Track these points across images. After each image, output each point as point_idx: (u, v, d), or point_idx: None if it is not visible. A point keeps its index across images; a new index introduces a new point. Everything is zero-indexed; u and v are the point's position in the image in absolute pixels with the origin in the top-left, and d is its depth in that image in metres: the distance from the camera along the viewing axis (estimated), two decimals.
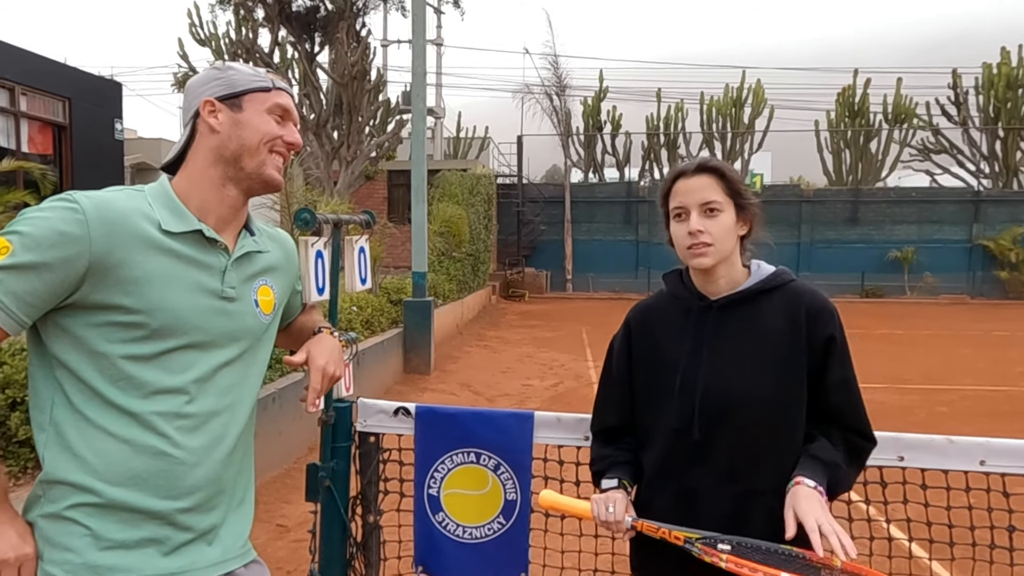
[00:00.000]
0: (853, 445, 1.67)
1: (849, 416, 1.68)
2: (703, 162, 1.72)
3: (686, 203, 1.69)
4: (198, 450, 1.40)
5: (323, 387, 1.61)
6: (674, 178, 1.73)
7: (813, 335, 1.66)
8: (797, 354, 1.66)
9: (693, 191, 1.68)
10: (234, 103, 1.45)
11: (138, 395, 1.34)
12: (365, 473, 2.16)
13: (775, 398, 1.65)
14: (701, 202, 1.67)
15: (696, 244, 1.66)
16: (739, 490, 1.65)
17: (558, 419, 2.11)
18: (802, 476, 1.57)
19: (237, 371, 1.48)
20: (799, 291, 1.73)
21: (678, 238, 1.71)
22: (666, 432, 1.71)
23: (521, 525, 2.14)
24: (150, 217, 1.37)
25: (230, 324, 1.45)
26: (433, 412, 2.16)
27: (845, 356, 1.69)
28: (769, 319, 1.70)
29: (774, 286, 1.73)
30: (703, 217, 1.67)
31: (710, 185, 1.68)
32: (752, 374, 1.66)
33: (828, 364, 1.66)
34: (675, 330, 1.76)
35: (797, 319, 1.67)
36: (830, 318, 1.68)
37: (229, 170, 1.46)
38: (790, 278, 1.76)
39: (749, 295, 1.72)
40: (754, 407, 1.65)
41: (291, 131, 1.51)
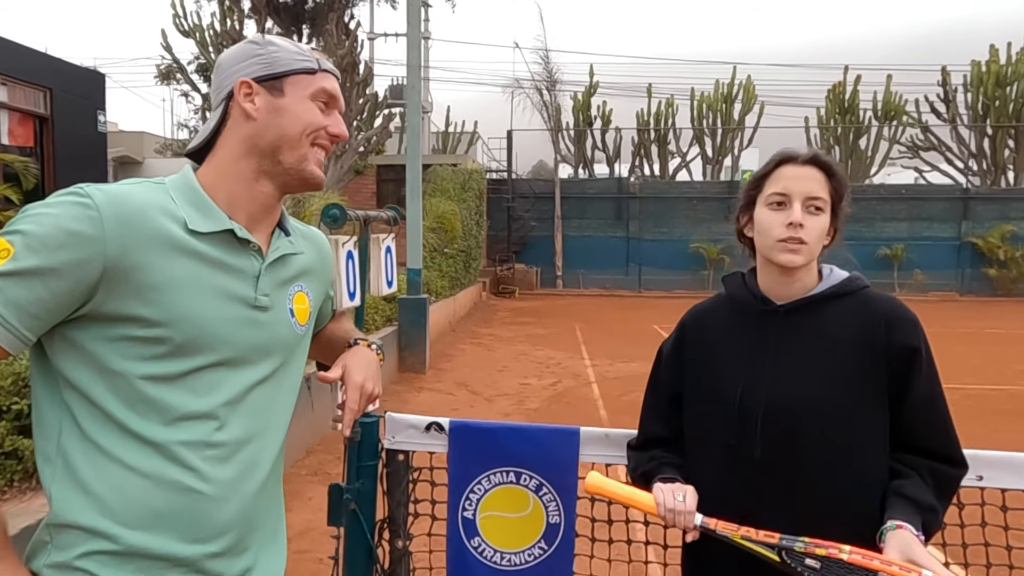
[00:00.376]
0: (944, 478, 1.52)
1: (937, 439, 1.53)
2: (817, 154, 1.56)
3: (791, 191, 1.51)
4: (229, 483, 1.21)
5: (363, 406, 1.43)
6: (779, 162, 1.55)
7: (893, 346, 1.50)
8: (875, 367, 1.50)
9: (801, 180, 1.52)
10: (274, 86, 1.25)
11: (160, 421, 1.15)
12: (394, 494, 1.97)
13: (848, 414, 1.49)
14: (808, 195, 1.51)
15: (793, 238, 1.49)
16: (805, 515, 1.48)
17: (606, 435, 1.93)
18: (902, 520, 1.41)
19: (270, 390, 1.29)
20: (875, 298, 1.56)
21: (769, 227, 1.53)
22: (722, 449, 1.55)
23: (564, 551, 1.96)
24: (173, 214, 1.18)
25: (263, 337, 1.26)
26: (468, 428, 1.97)
27: (931, 371, 1.53)
28: (841, 328, 1.53)
29: (848, 292, 1.56)
30: (804, 212, 1.50)
31: (819, 180, 1.52)
32: (822, 387, 1.50)
33: (911, 379, 1.50)
34: (735, 337, 1.60)
35: (875, 328, 1.51)
36: (913, 328, 1.52)
37: (264, 163, 1.26)
38: (865, 284, 1.59)
39: (819, 300, 1.55)
40: (824, 423, 1.48)
41: (336, 121, 1.32)
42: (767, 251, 1.54)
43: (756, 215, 1.57)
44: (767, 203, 1.54)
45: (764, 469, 1.50)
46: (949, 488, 1.53)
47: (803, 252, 1.50)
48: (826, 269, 1.62)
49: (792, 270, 1.54)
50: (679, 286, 22.08)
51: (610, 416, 7.24)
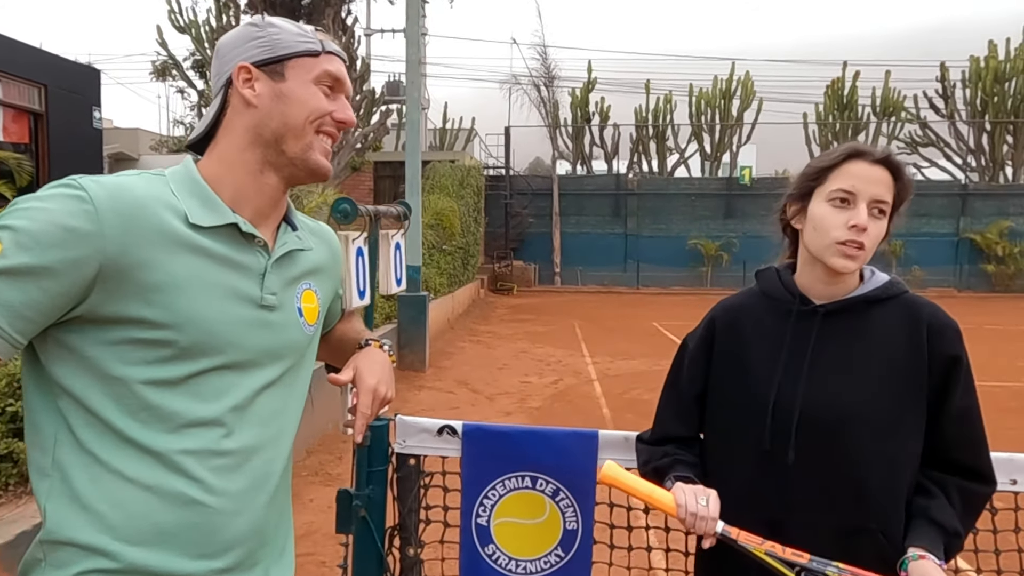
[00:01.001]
0: (973, 497, 1.45)
1: (969, 453, 1.46)
2: (891, 153, 1.46)
3: (859, 190, 1.42)
4: (238, 495, 1.13)
5: (376, 411, 1.35)
6: (848, 155, 1.45)
7: (935, 354, 1.44)
8: (916, 374, 1.43)
9: (872, 181, 1.42)
10: (275, 70, 1.18)
11: (164, 429, 1.07)
12: (405, 500, 1.89)
13: (888, 420, 1.42)
14: (875, 198, 1.42)
15: (853, 242, 1.41)
16: (840, 526, 1.42)
17: (625, 439, 1.85)
18: (925, 549, 1.36)
19: (279, 395, 1.22)
20: (917, 304, 1.49)
21: (829, 226, 1.43)
22: (753, 452, 1.47)
23: (582, 558, 1.89)
24: (175, 208, 1.10)
25: (271, 338, 1.19)
26: (483, 431, 1.90)
27: (970, 382, 1.47)
28: (883, 332, 1.46)
29: (890, 295, 1.49)
30: (870, 215, 1.42)
31: (888, 183, 1.43)
32: (861, 392, 1.43)
33: (950, 389, 1.44)
34: (770, 336, 1.51)
35: (917, 335, 1.44)
36: (955, 336, 1.46)
37: (269, 153, 1.18)
38: (905, 288, 1.52)
39: (860, 303, 1.48)
40: (864, 429, 1.41)
41: (343, 106, 1.24)
42: (821, 251, 1.45)
43: (813, 209, 1.47)
44: (829, 199, 1.44)
45: (798, 476, 1.43)
46: (977, 507, 1.48)
47: (860, 258, 1.43)
48: (867, 271, 1.54)
49: (841, 273, 1.46)
50: (677, 283, 22.03)
51: (613, 414, 7.17)
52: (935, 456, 1.45)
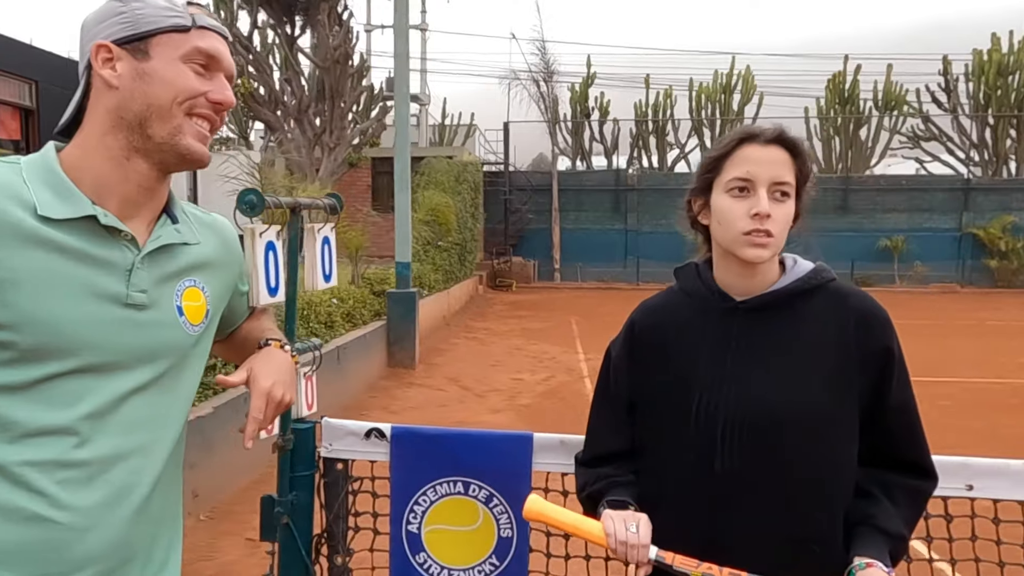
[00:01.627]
0: (915, 494, 1.37)
1: (908, 447, 1.37)
2: (784, 131, 1.36)
3: (756, 175, 1.33)
4: (92, 509, 1.04)
5: (268, 415, 1.27)
6: (740, 139, 1.36)
7: (864, 347, 1.34)
8: (846, 369, 1.33)
9: (768, 164, 1.33)
10: (138, 48, 1.09)
11: (5, 439, 0.99)
12: (331, 507, 1.82)
13: (818, 421, 1.32)
14: (774, 180, 1.33)
15: (759, 231, 1.31)
16: (779, 537, 1.32)
17: (561, 442, 1.77)
18: (871, 558, 1.26)
19: (152, 400, 1.13)
20: (843, 293, 1.39)
21: (732, 217, 1.34)
22: (682, 466, 1.37)
23: (517, 566, 1.81)
24: (22, 199, 1.01)
25: (141, 339, 1.10)
26: (412, 434, 1.81)
27: (904, 374, 1.37)
28: (808, 325, 1.36)
29: (814, 286, 1.39)
30: (770, 199, 1.32)
31: (787, 162, 1.34)
32: (788, 391, 1.33)
33: (883, 383, 1.34)
34: (691, 337, 1.41)
35: (844, 328, 1.35)
36: (884, 326, 1.36)
37: (133, 138, 1.10)
38: (831, 276, 1.41)
39: (784, 296, 1.38)
40: (792, 433, 1.31)
41: (220, 86, 1.14)
42: (729, 244, 1.36)
43: (714, 202, 1.38)
44: (727, 189, 1.35)
45: (728, 486, 1.33)
46: (920, 505, 1.39)
47: (771, 245, 1.33)
48: (789, 260, 1.44)
49: (755, 264, 1.36)
50: None
51: None
52: (874, 454, 1.36)
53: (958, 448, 4.91)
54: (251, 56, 17.19)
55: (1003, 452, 1.90)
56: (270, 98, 17.33)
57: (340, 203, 1.86)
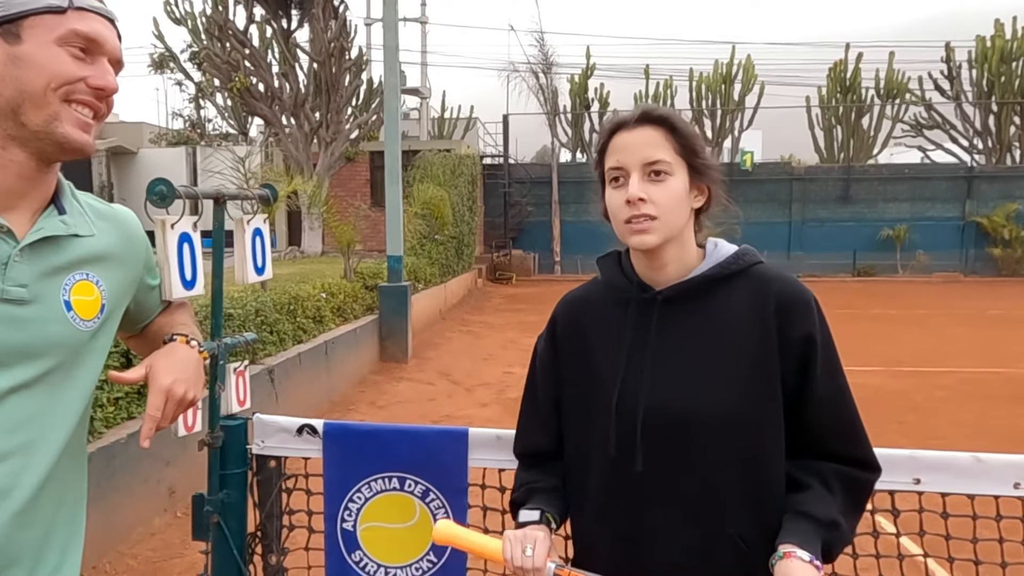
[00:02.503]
0: (852, 483, 1.29)
1: (842, 439, 1.30)
2: (648, 110, 1.31)
3: (625, 162, 1.28)
4: None
5: (168, 413, 1.22)
6: (612, 130, 1.33)
7: (785, 335, 1.27)
8: (767, 359, 1.27)
9: (635, 147, 1.28)
10: (9, 31, 1.04)
11: None
12: (264, 505, 1.78)
13: (740, 415, 1.26)
14: (644, 161, 1.27)
15: (637, 216, 1.26)
16: (698, 534, 1.27)
17: (497, 437, 1.73)
18: (792, 545, 1.20)
19: (37, 398, 1.08)
20: (766, 277, 1.32)
21: (614, 208, 1.31)
22: (602, 462, 1.32)
23: (456, 564, 1.76)
24: None
25: (21, 336, 1.05)
26: (345, 430, 1.77)
27: (831, 361, 1.30)
28: (728, 314, 1.30)
29: (735, 271, 1.32)
30: (646, 182, 1.27)
31: (656, 141, 1.28)
32: (708, 385, 1.27)
33: (808, 372, 1.27)
34: (611, 330, 1.36)
35: (764, 314, 1.28)
36: (806, 310, 1.29)
37: (7, 126, 1.05)
38: (755, 260, 1.35)
39: (702, 283, 1.32)
40: (712, 428, 1.26)
41: (101, 71, 1.09)
42: (620, 235, 1.32)
43: (606, 196, 1.34)
44: (609, 180, 1.32)
45: (649, 484, 1.29)
46: (861, 495, 1.31)
47: (654, 229, 1.27)
48: (710, 244, 1.38)
49: (656, 251, 1.30)
50: None
51: None
52: (807, 448, 1.30)
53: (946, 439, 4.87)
54: (247, 51, 17.15)
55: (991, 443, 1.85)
56: (267, 93, 17.30)
57: (274, 194, 1.81)
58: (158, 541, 4.00)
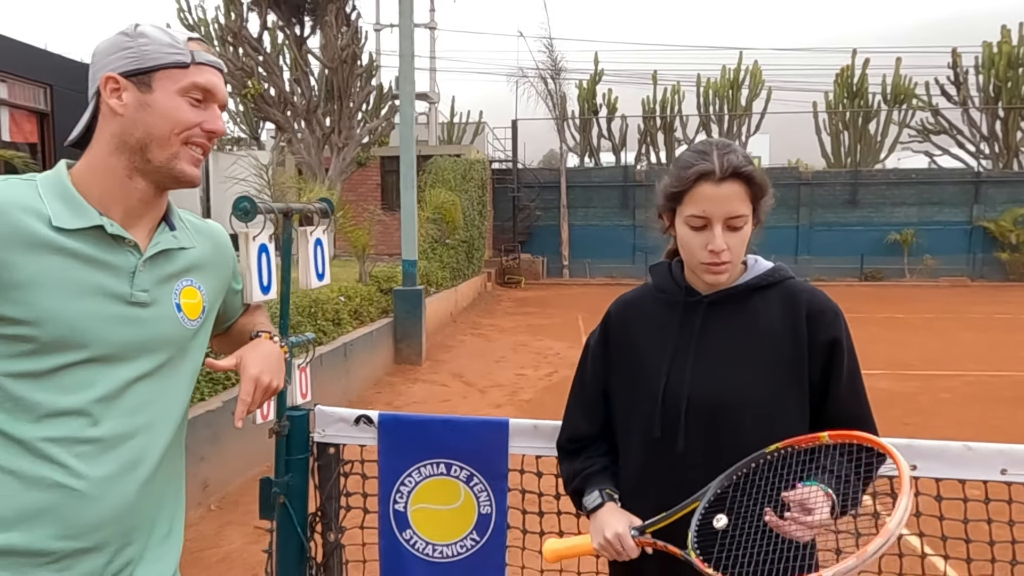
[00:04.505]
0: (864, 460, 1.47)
1: (859, 429, 1.49)
2: (736, 167, 1.44)
3: (711, 213, 1.45)
4: (104, 480, 1.20)
5: (256, 399, 1.42)
6: (697, 178, 1.45)
7: (814, 338, 1.49)
8: (796, 358, 1.49)
9: (721, 201, 1.44)
10: (142, 81, 1.23)
11: (28, 419, 1.14)
12: (324, 488, 1.97)
13: (771, 405, 1.47)
14: (728, 215, 1.45)
15: (717, 264, 1.47)
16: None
17: (535, 427, 1.91)
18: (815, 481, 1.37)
19: (155, 386, 1.28)
20: (798, 289, 1.54)
21: (692, 248, 1.49)
22: (646, 442, 1.53)
23: (496, 542, 1.95)
24: (38, 211, 1.17)
25: (142, 333, 1.25)
26: (398, 420, 1.96)
27: (852, 362, 1.51)
28: (764, 318, 1.52)
29: (770, 283, 1.55)
30: (726, 231, 1.46)
31: (739, 195, 1.45)
32: (744, 378, 1.48)
33: (832, 372, 1.49)
34: (659, 328, 1.57)
35: (796, 320, 1.50)
36: (834, 319, 1.51)
37: (136, 160, 1.25)
38: (788, 275, 1.57)
39: (743, 291, 1.54)
40: (747, 415, 1.47)
41: (212, 117, 1.29)
42: (691, 266, 1.53)
43: (677, 228, 1.52)
44: (686, 222, 1.48)
45: (688, 462, 1.49)
46: (867, 472, 1.50)
47: (726, 269, 1.48)
48: (751, 259, 1.59)
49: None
50: None
51: None
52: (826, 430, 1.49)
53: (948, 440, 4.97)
54: (261, 57, 17.40)
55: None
56: (280, 99, 17.53)
57: (331, 207, 2.00)
58: (193, 532, 4.20)
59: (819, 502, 1.31)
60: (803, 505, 1.31)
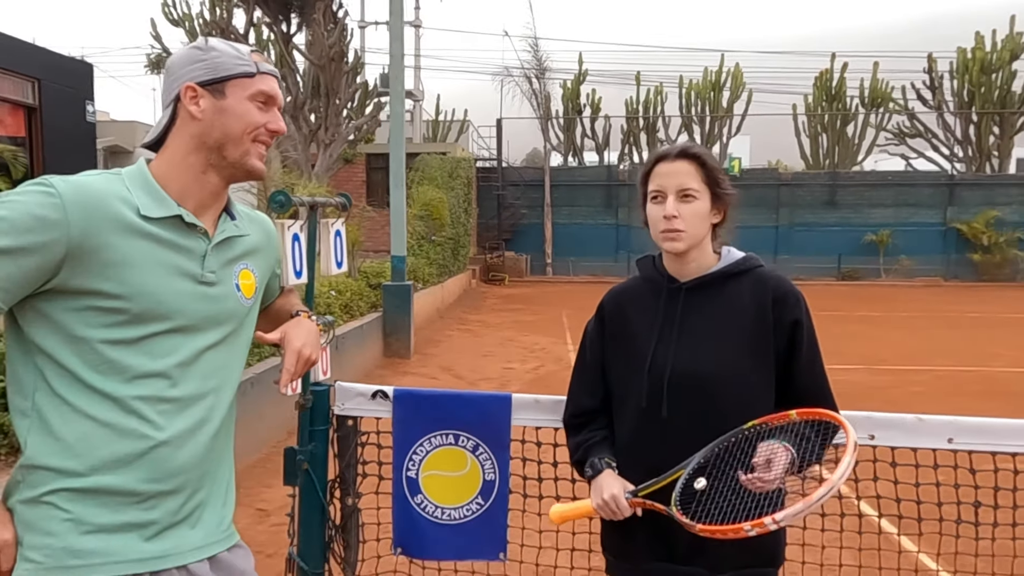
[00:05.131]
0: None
1: (815, 398, 1.72)
2: (685, 147, 1.74)
3: (664, 186, 1.71)
4: (182, 433, 1.39)
5: (298, 369, 1.61)
6: (655, 160, 1.75)
7: (779, 319, 1.72)
8: (763, 335, 1.71)
9: (672, 175, 1.71)
10: (216, 89, 1.42)
11: (120, 380, 1.33)
12: (343, 456, 2.16)
13: (741, 376, 1.70)
14: (679, 187, 1.70)
15: (669, 229, 1.69)
16: None
17: (536, 401, 2.13)
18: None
19: (221, 354, 1.48)
20: (766, 276, 1.77)
21: (653, 220, 1.74)
22: (635, 411, 1.76)
23: (500, 505, 2.16)
24: (128, 201, 1.36)
25: (212, 308, 1.44)
26: (411, 395, 2.16)
27: (812, 340, 1.74)
28: (736, 301, 1.75)
29: (742, 270, 1.78)
30: (679, 202, 1.70)
31: (689, 171, 1.71)
32: (719, 353, 1.71)
33: (794, 347, 1.72)
34: (646, 312, 1.80)
35: (763, 302, 1.73)
36: (795, 302, 1.74)
37: (212, 157, 1.44)
38: (758, 263, 1.81)
39: (717, 278, 1.77)
40: (721, 385, 1.69)
41: (275, 118, 1.49)
42: (656, 241, 1.76)
43: (646, 210, 1.77)
44: (650, 198, 1.75)
45: (671, 428, 1.71)
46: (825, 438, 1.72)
47: (683, 238, 1.70)
48: (724, 251, 1.82)
49: (682, 254, 1.74)
50: None
51: None
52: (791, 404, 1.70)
53: None
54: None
55: None
56: None
57: (349, 201, 2.20)
58: None
59: (778, 454, 1.53)
60: (767, 460, 1.53)
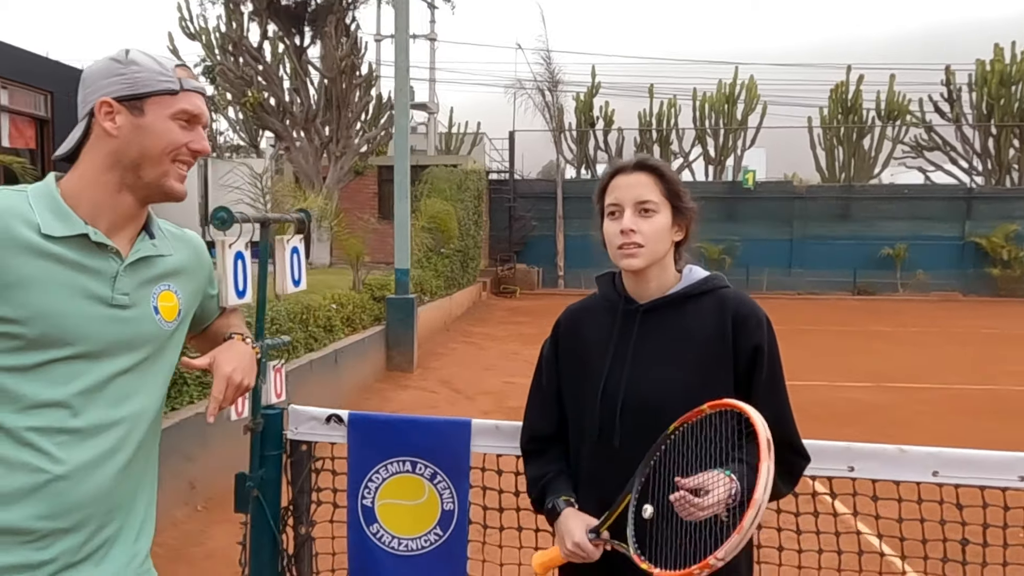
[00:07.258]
0: (784, 461, 1.57)
1: (777, 429, 1.59)
2: (642, 159, 1.64)
3: (621, 199, 1.61)
4: (84, 465, 1.31)
5: (228, 396, 1.53)
6: (612, 174, 1.65)
7: (739, 343, 1.60)
8: (722, 360, 1.60)
9: (629, 188, 1.61)
10: (135, 105, 1.34)
11: (11, 409, 1.25)
12: (296, 483, 2.08)
13: (696, 404, 1.55)
14: (636, 200, 1.60)
15: (627, 244, 1.59)
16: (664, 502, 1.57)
17: (496, 427, 2.03)
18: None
19: (135, 380, 1.39)
20: (728, 296, 1.66)
21: (610, 236, 1.63)
22: (589, 440, 1.64)
23: (459, 536, 2.06)
24: (28, 220, 1.28)
25: (124, 332, 1.36)
26: (367, 419, 2.07)
27: (774, 366, 1.62)
28: (695, 324, 1.63)
29: (703, 291, 1.66)
30: (637, 216, 1.59)
31: (647, 184, 1.61)
32: (674, 380, 1.59)
33: (754, 374, 1.60)
34: (601, 334, 1.69)
35: (724, 326, 1.61)
36: (757, 326, 1.61)
37: (127, 177, 1.36)
38: (722, 284, 1.69)
39: (676, 299, 1.65)
40: (674, 414, 1.55)
41: (198, 137, 1.41)
42: (613, 259, 1.65)
43: (603, 227, 1.66)
44: (607, 214, 1.64)
45: (624, 459, 1.59)
46: (791, 472, 1.61)
47: (641, 255, 1.59)
48: (686, 270, 1.70)
49: (641, 272, 1.63)
50: None
51: None
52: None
53: None
54: (261, 67, 17.59)
55: None
56: (278, 108, 17.72)
57: (308, 218, 2.12)
58: (180, 531, 4.29)
59: (717, 484, 1.41)
60: (698, 488, 1.41)
